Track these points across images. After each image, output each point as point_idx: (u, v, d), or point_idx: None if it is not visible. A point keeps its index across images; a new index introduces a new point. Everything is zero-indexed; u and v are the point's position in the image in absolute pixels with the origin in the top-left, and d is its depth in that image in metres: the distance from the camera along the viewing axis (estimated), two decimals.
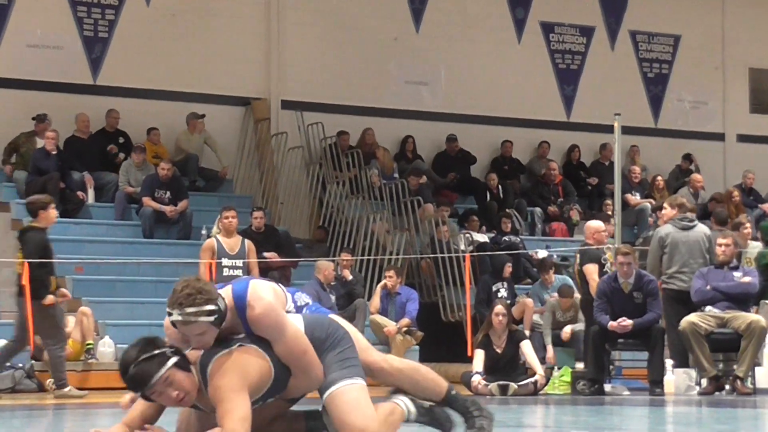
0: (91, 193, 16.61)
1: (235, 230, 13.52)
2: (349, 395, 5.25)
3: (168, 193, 16.36)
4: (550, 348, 14.16)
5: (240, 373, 5.06)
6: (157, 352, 5.05)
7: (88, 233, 15.84)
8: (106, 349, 13.43)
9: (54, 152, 16.02)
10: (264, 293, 5.22)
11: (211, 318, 5.08)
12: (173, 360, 5.04)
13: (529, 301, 15.00)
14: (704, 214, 17.22)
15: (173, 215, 16.25)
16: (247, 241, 13.51)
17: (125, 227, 16.53)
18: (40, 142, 16.35)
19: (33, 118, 16.52)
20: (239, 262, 13.22)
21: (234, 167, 18.29)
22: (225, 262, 13.18)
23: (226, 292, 5.24)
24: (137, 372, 5.02)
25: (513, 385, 11.99)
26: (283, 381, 5.25)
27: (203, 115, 17.77)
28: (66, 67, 17.43)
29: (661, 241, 12.45)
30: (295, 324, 5.29)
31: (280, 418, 5.56)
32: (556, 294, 14.78)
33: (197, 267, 13.33)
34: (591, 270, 12.81)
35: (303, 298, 5.78)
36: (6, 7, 17.11)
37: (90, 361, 13.26)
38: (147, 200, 16.32)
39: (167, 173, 16.44)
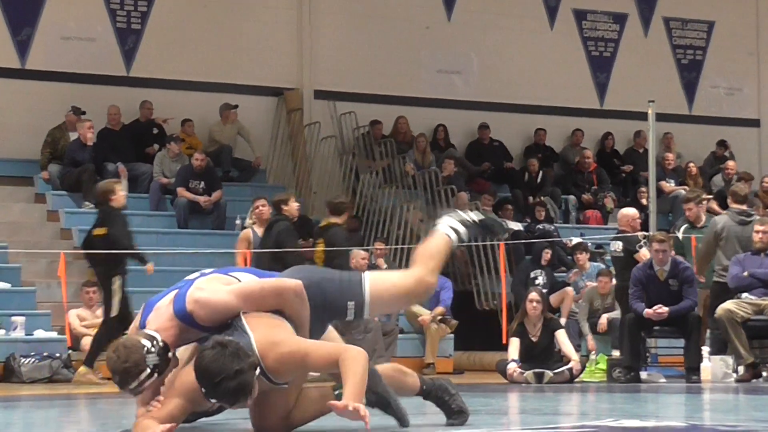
0: (125, 184, 16.67)
1: (267, 219, 13.54)
2: (379, 279, 5.50)
3: (202, 183, 16.42)
4: (590, 337, 14.09)
5: (285, 330, 5.12)
6: (248, 360, 5.00)
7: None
8: None
9: (89, 144, 16.10)
10: (197, 294, 5.33)
11: (154, 376, 5.19)
12: (256, 362, 5.05)
13: (570, 290, 14.96)
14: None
15: (207, 206, 16.30)
16: None
17: (160, 218, 16.59)
18: (73, 135, 16.43)
19: (74, 113, 16.56)
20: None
21: (267, 157, 18.33)
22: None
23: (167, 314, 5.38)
24: (239, 385, 4.97)
25: (548, 373, 11.96)
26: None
27: (236, 106, 17.80)
28: (99, 59, 17.50)
29: (716, 234, 12.35)
30: (236, 287, 5.34)
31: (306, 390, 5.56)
32: (591, 282, 14.73)
33: (231, 257, 13.37)
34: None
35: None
36: (40, 0, 17.18)
37: None
38: (181, 191, 16.38)
39: (201, 164, 16.50)
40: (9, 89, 16.92)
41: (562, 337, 12.33)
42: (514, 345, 12.23)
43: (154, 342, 5.21)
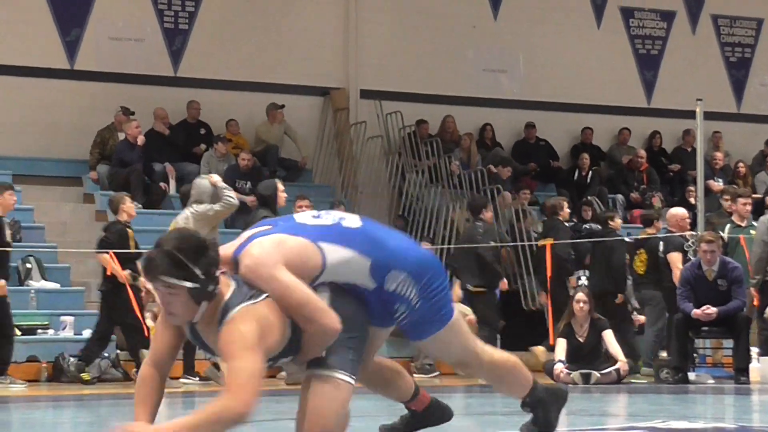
0: (173, 184, 16.77)
1: None
2: (327, 389, 4.75)
3: (249, 183, 16.48)
4: None
5: (260, 329, 4.61)
6: (189, 265, 4.59)
7: (171, 223, 15.98)
8: None
9: (137, 144, 16.21)
10: (255, 249, 4.74)
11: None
12: (192, 286, 4.58)
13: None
14: None
15: (254, 205, 16.34)
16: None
17: None
18: (121, 135, 16.54)
19: (123, 113, 16.67)
20: None
21: (313, 157, 18.37)
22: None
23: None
24: (158, 259, 4.61)
25: (595, 374, 11.92)
26: (298, 340, 4.80)
27: (282, 106, 17.85)
28: (147, 60, 17.60)
29: None
30: (291, 277, 4.68)
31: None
32: None
33: None
34: (675, 258, 12.68)
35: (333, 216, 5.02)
36: (89, 1, 17.31)
37: None
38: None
39: (248, 164, 16.56)
40: (58, 90, 17.06)
41: (609, 337, 12.27)
42: (561, 345, 12.19)
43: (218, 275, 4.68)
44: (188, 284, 4.59)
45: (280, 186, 12.55)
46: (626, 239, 14.13)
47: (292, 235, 4.77)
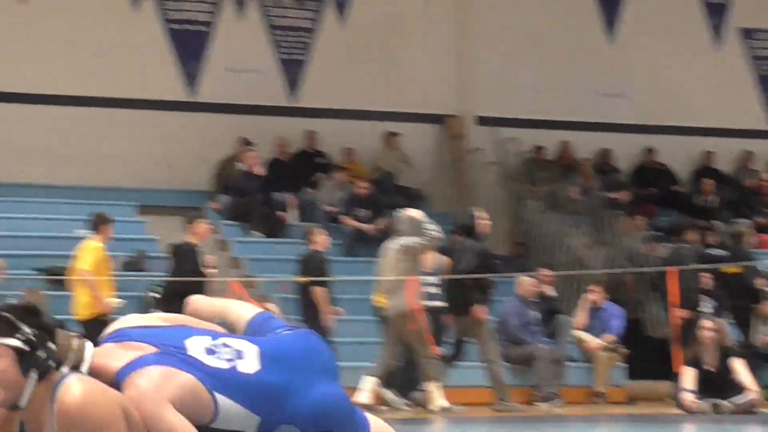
0: (292, 212, 16.88)
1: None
2: None
3: (367, 211, 16.51)
4: None
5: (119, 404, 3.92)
6: (17, 324, 3.82)
7: (292, 252, 16.06)
8: None
9: (257, 174, 16.35)
10: (143, 381, 4.05)
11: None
12: (19, 345, 3.80)
13: None
14: None
15: (372, 233, 16.37)
16: (444, 258, 13.51)
17: None
18: (241, 165, 16.71)
19: (242, 143, 16.86)
20: (433, 278, 13.25)
21: (431, 184, 18.34)
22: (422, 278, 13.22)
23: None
24: None
25: (726, 404, 11.65)
26: None
27: (399, 134, 17.87)
28: (264, 90, 17.77)
29: None
30: (179, 418, 4.05)
31: None
32: None
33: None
34: None
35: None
36: (207, 34, 17.55)
37: None
38: (346, 219, 16.50)
39: (365, 192, 16.61)
40: (179, 122, 17.31)
41: (739, 366, 12.00)
42: (689, 374, 11.95)
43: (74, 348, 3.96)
44: (14, 343, 3.79)
45: (480, 214, 12.45)
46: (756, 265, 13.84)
47: (184, 371, 4.15)
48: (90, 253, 12.15)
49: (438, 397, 11.82)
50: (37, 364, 3.81)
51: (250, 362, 4.25)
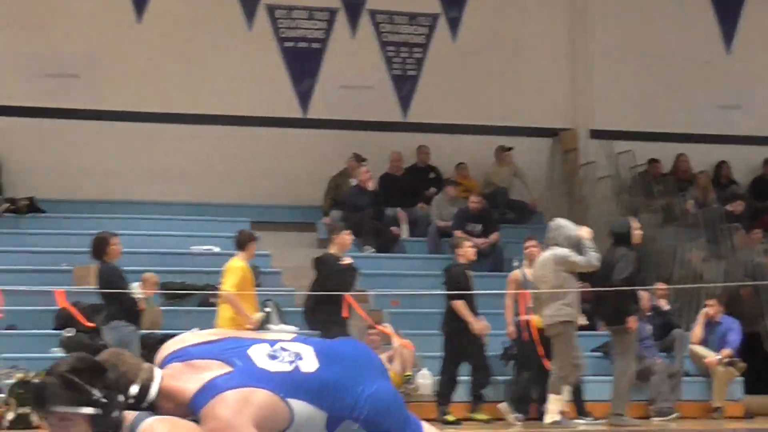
0: (404, 227, 16.91)
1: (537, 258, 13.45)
2: None
3: (479, 225, 16.46)
4: None
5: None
6: (88, 388, 3.94)
7: (403, 267, 16.09)
8: (425, 381, 13.59)
9: (369, 189, 16.42)
10: (222, 410, 4.14)
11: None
12: (93, 412, 3.92)
13: None
14: None
15: (485, 248, 16.31)
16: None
17: (438, 260, 16.70)
18: (352, 181, 16.79)
19: (355, 159, 16.96)
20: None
21: (543, 198, 18.21)
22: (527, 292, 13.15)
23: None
24: (50, 387, 3.93)
25: None
26: None
27: (511, 148, 17.80)
28: (377, 106, 17.85)
29: None
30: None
31: None
32: None
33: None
34: None
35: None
36: (320, 51, 17.70)
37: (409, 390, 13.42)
38: (458, 233, 16.45)
39: (478, 206, 16.56)
40: (292, 139, 17.47)
41: None
42: None
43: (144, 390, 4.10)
44: (89, 411, 3.91)
45: (635, 224, 12.46)
46: None
47: (256, 386, 4.25)
48: (233, 273, 12.17)
49: (556, 411, 11.74)
50: (111, 425, 3.96)
51: (309, 362, 4.40)
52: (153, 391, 4.07)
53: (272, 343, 4.44)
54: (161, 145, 16.92)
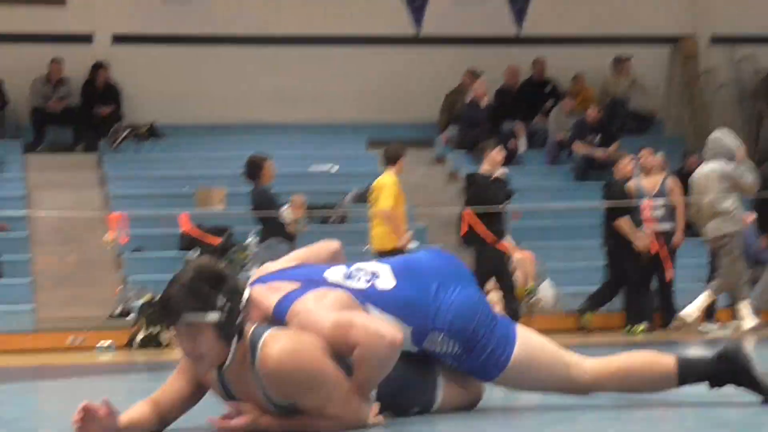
0: (522, 141, 16.78)
1: (653, 169, 13.26)
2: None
3: (597, 136, 16.26)
4: None
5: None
6: (210, 293, 3.96)
7: (523, 181, 15.98)
8: (546, 292, 13.55)
9: (485, 104, 16.30)
10: (300, 306, 4.26)
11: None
12: (219, 320, 3.96)
13: None
14: None
15: (604, 159, 16.11)
16: (669, 180, 13.20)
17: (557, 173, 16.59)
18: (468, 96, 16.67)
19: (469, 75, 16.84)
20: (659, 201, 12.98)
21: (663, 108, 17.89)
22: (646, 202, 12.97)
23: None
24: (176, 297, 3.95)
25: None
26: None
27: (630, 58, 17.48)
28: (491, 21, 17.64)
29: None
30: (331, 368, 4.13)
31: None
32: None
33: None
34: None
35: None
36: None
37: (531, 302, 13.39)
38: (577, 145, 16.30)
39: (596, 117, 16.35)
40: (406, 57, 17.39)
41: None
42: None
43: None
44: (215, 316, 3.94)
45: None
46: None
47: (333, 290, 4.37)
48: (389, 190, 12.01)
49: (747, 316, 11.73)
50: (236, 331, 4.00)
51: (386, 279, 4.46)
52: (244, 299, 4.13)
53: (348, 265, 4.54)
54: (277, 68, 16.99)
